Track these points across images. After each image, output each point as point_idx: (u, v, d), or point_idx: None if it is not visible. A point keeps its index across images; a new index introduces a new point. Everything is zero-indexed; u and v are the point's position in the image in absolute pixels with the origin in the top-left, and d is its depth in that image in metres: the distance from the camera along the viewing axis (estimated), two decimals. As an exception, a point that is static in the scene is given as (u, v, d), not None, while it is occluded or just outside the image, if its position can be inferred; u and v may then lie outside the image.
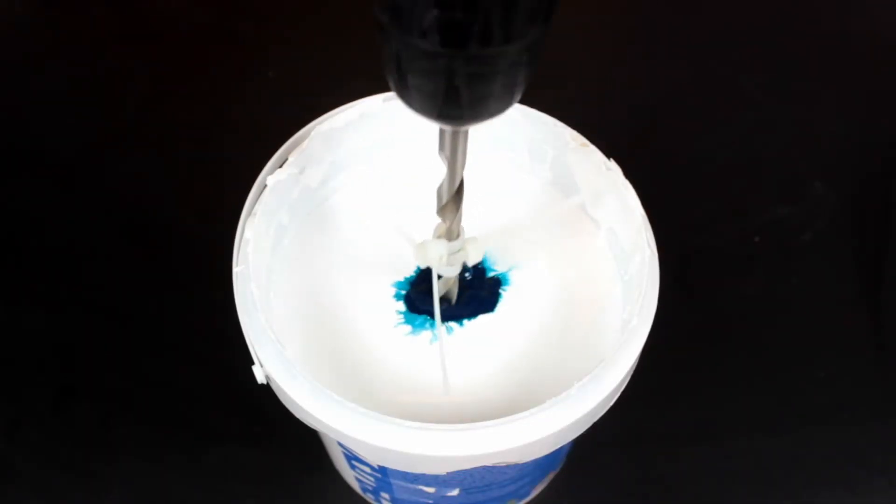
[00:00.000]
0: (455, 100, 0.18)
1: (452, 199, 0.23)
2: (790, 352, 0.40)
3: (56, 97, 0.47)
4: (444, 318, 0.27)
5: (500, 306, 0.28)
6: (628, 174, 0.27)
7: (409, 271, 0.29)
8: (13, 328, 0.40)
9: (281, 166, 0.27)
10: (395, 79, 0.18)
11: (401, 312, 0.28)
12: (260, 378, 0.25)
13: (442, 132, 0.21)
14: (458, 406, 0.26)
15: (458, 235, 0.25)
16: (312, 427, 0.25)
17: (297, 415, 0.24)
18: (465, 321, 0.27)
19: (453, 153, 0.21)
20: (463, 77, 0.17)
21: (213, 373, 0.38)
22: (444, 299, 0.27)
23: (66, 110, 0.47)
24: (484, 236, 0.28)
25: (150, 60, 0.49)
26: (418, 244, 0.25)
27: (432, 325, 0.27)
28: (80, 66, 0.49)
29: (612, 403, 0.25)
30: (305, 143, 0.27)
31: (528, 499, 0.35)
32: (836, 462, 0.37)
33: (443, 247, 0.25)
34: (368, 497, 0.34)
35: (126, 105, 0.47)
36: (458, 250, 0.25)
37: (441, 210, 0.24)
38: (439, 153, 0.22)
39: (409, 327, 0.27)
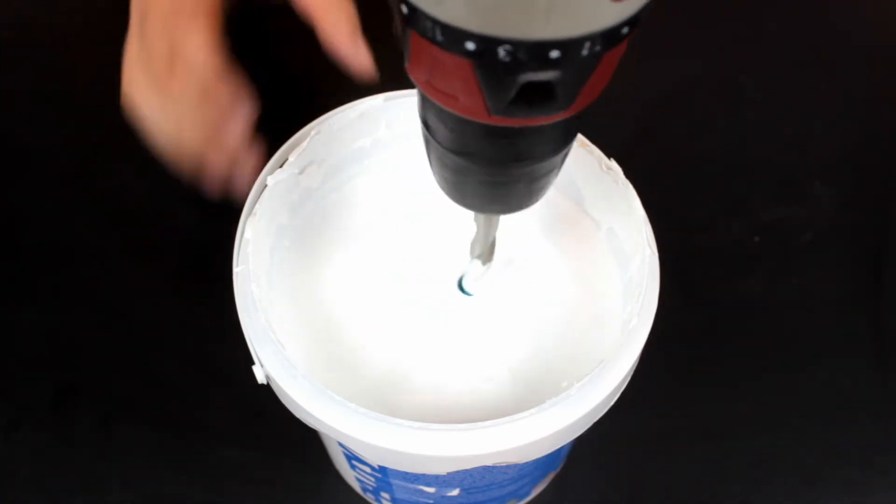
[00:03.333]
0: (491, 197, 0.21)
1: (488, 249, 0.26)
2: (790, 352, 0.40)
3: (56, 97, 0.47)
4: None
5: (501, 307, 0.28)
6: (628, 174, 0.27)
7: (409, 270, 0.29)
8: (13, 328, 0.40)
9: (281, 166, 0.27)
10: (440, 179, 0.21)
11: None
12: (260, 378, 0.25)
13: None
14: (459, 406, 0.26)
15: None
16: (312, 427, 0.25)
17: (297, 415, 0.24)
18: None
19: (488, 225, 0.25)
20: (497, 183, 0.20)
21: (213, 373, 0.38)
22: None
23: (65, 110, 0.47)
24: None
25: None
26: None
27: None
28: (80, 66, 0.49)
29: (612, 403, 0.25)
30: (305, 143, 0.27)
31: (528, 499, 0.35)
32: (836, 462, 0.37)
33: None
34: (368, 497, 0.34)
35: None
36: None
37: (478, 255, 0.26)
38: (475, 220, 0.24)
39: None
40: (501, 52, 0.15)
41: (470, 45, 0.15)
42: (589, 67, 0.16)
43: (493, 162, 0.19)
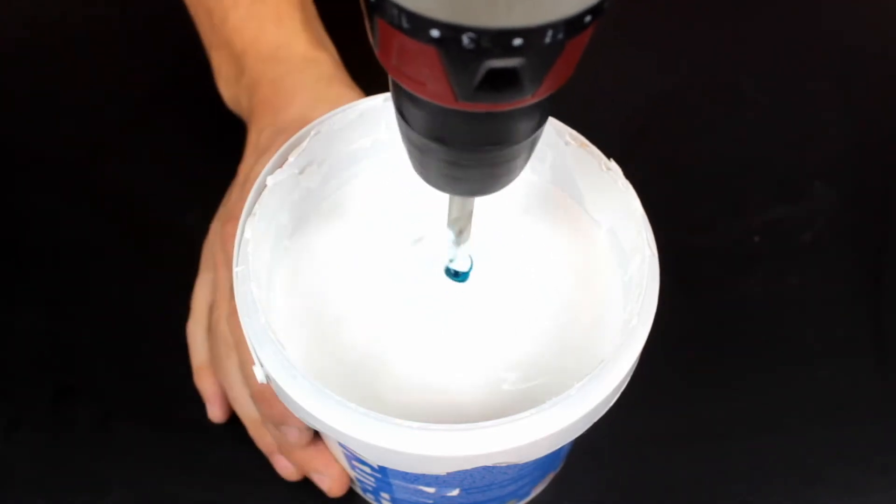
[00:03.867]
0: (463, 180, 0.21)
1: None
2: (790, 352, 0.40)
3: (56, 97, 0.47)
4: None
5: (501, 307, 0.28)
6: (628, 174, 0.27)
7: (409, 270, 0.29)
8: (13, 328, 0.40)
9: (281, 166, 0.27)
10: (414, 162, 0.21)
11: None
12: (260, 378, 0.25)
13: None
14: (459, 406, 0.26)
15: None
16: (312, 427, 0.25)
17: (298, 415, 0.24)
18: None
19: (462, 206, 0.25)
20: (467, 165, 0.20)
21: (213, 373, 0.38)
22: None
23: (66, 110, 0.47)
24: (484, 236, 0.29)
25: (150, 60, 0.49)
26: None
27: None
28: (81, 65, 0.49)
29: (612, 403, 0.25)
30: (305, 143, 0.27)
31: (528, 499, 0.35)
32: (836, 462, 0.37)
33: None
34: (368, 497, 0.34)
35: (126, 105, 0.47)
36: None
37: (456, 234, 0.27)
38: (450, 201, 0.25)
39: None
40: (465, 39, 0.15)
41: (435, 33, 0.15)
42: (553, 55, 0.16)
43: (463, 145, 0.19)
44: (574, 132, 0.28)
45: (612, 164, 0.27)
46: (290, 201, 0.28)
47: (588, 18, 0.16)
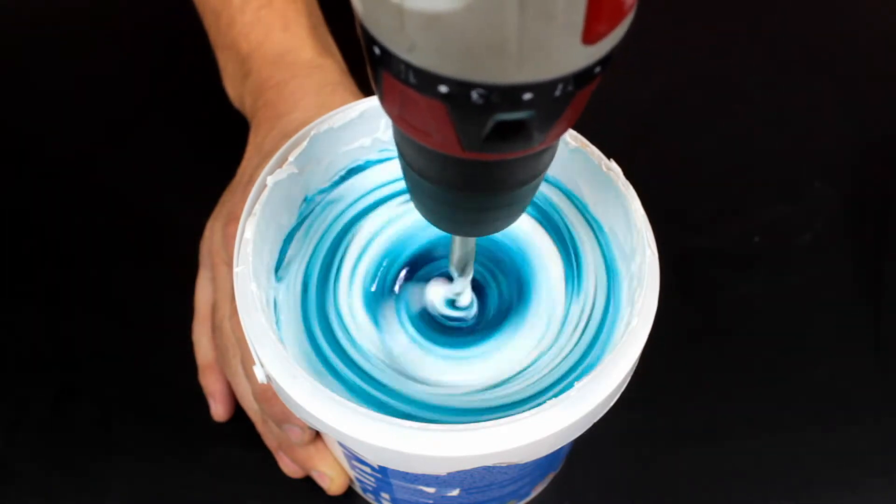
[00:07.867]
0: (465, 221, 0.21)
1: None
2: (790, 352, 0.40)
3: (56, 97, 0.47)
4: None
5: (501, 306, 0.28)
6: (628, 174, 0.27)
7: (409, 269, 0.29)
8: (13, 328, 0.40)
9: (281, 166, 0.27)
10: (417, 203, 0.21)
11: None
12: (260, 378, 0.25)
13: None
14: (458, 406, 0.26)
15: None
16: (312, 427, 0.25)
17: (298, 414, 0.24)
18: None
19: (464, 244, 0.25)
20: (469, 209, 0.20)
21: (213, 373, 0.38)
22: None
23: (66, 110, 0.47)
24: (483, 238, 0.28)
25: (150, 60, 0.49)
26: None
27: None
28: (81, 66, 0.49)
29: (612, 404, 0.25)
30: (305, 143, 0.27)
31: (528, 499, 0.35)
32: (836, 462, 0.37)
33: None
34: (368, 497, 0.34)
35: (126, 105, 0.47)
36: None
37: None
38: (452, 239, 0.25)
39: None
40: (474, 94, 0.15)
41: (443, 89, 0.15)
42: (562, 106, 0.16)
43: (466, 190, 0.19)
44: (574, 132, 0.28)
45: (613, 164, 0.27)
46: (290, 201, 0.28)
47: (598, 69, 0.15)
